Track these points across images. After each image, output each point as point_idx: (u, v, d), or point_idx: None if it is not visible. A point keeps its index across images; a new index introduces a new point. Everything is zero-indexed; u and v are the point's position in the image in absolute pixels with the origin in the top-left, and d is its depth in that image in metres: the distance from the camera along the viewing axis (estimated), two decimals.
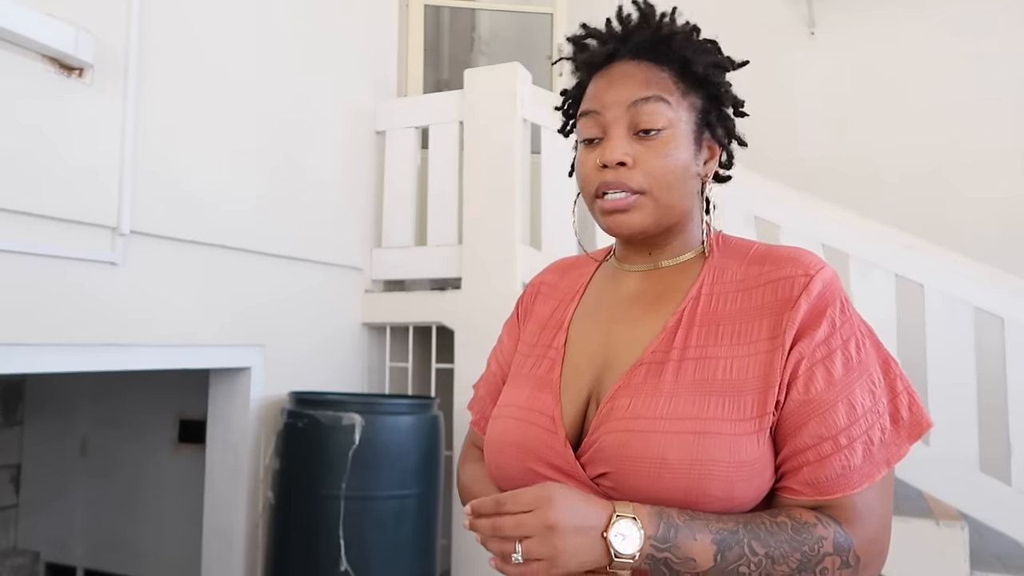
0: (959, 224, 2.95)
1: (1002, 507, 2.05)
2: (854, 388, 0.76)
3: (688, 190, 0.84)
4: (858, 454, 0.75)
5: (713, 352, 0.79)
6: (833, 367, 0.77)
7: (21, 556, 3.23)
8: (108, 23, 1.87)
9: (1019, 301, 2.11)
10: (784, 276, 0.80)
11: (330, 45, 2.73)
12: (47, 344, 1.75)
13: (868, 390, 0.77)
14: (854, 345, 0.78)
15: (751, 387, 0.77)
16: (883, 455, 0.76)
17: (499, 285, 2.64)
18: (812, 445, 0.75)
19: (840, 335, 0.78)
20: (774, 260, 0.82)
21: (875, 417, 0.76)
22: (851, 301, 0.81)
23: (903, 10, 3.18)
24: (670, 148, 0.82)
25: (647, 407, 0.78)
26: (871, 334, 0.81)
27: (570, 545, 0.69)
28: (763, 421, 0.76)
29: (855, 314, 0.81)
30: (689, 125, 0.84)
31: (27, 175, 1.69)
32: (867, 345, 0.79)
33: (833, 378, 0.76)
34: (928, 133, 3.10)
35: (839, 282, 0.81)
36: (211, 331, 2.21)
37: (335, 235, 2.72)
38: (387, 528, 2.17)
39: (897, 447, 0.77)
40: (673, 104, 0.82)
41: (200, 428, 2.71)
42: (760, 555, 0.71)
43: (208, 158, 2.19)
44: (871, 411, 0.76)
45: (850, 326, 0.79)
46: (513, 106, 2.70)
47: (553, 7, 3.49)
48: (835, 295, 0.79)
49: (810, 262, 0.81)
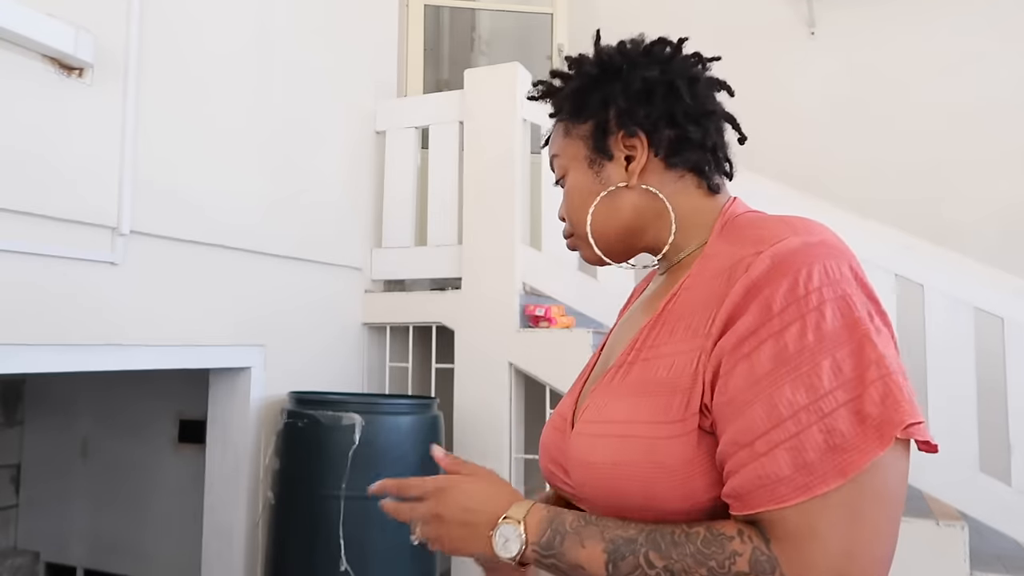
0: (959, 224, 2.95)
1: (1002, 507, 2.05)
2: (782, 383, 0.64)
3: (608, 209, 0.84)
4: (782, 462, 0.62)
5: (664, 350, 0.74)
6: (758, 361, 0.65)
7: (21, 556, 3.23)
8: (108, 23, 1.87)
9: (1019, 301, 2.11)
10: (740, 258, 0.70)
11: (330, 45, 2.73)
12: (47, 344, 1.75)
13: (807, 384, 0.63)
14: (796, 329, 0.64)
15: (682, 386, 0.70)
16: (831, 463, 0.61)
17: (499, 285, 2.64)
18: (731, 453, 0.66)
19: (780, 319, 0.65)
20: (746, 238, 0.73)
21: (813, 417, 0.62)
22: (834, 269, 0.67)
23: (903, 10, 3.18)
24: (569, 187, 0.88)
25: (596, 410, 0.78)
26: (847, 311, 0.65)
27: (455, 535, 0.76)
28: (688, 423, 0.69)
29: (828, 287, 0.66)
30: (580, 153, 0.86)
31: (27, 175, 1.69)
32: (828, 326, 0.64)
33: (755, 373, 0.65)
34: (928, 133, 3.10)
35: (808, 252, 0.67)
36: (211, 331, 2.21)
37: (335, 235, 2.73)
38: (387, 528, 2.17)
39: (858, 452, 0.61)
40: (562, 153, 0.88)
41: (200, 428, 2.71)
42: (658, 567, 0.65)
43: (208, 158, 2.19)
44: (807, 409, 0.62)
45: (799, 307, 0.65)
46: (513, 106, 2.70)
47: (553, 7, 3.49)
48: (786, 272, 0.66)
49: (772, 236, 0.69)
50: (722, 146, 0.85)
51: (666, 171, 0.82)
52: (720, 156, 0.84)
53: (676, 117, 0.81)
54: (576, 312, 2.66)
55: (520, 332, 2.58)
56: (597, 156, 0.84)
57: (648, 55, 0.84)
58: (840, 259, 0.68)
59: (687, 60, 0.84)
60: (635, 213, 0.83)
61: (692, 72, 0.83)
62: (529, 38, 3.74)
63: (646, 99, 0.81)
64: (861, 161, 3.17)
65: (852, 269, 0.68)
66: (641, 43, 0.85)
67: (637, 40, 0.85)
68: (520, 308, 2.62)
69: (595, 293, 2.61)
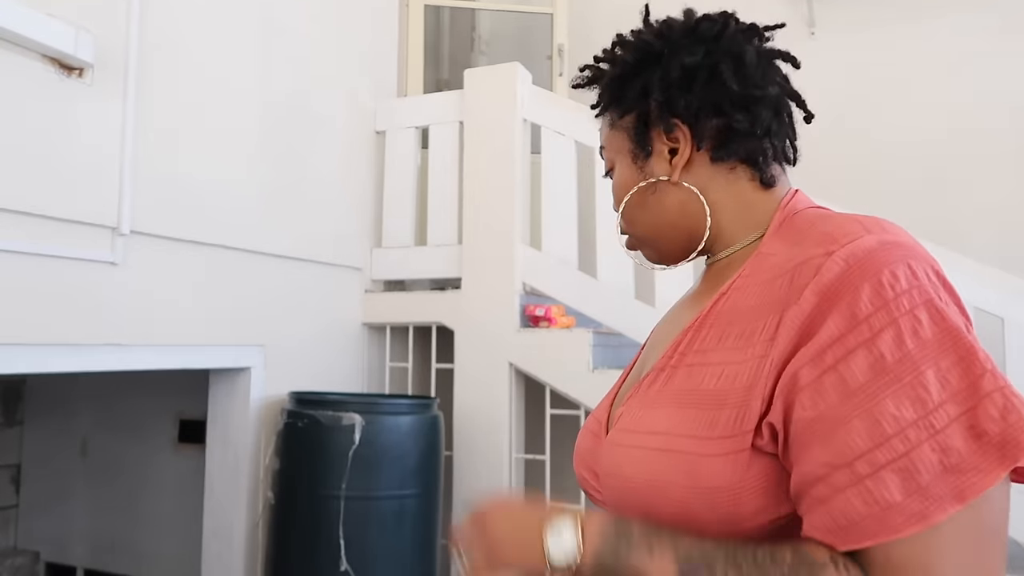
0: (959, 224, 2.95)
1: None
2: (883, 396, 0.55)
3: (652, 206, 0.77)
4: (892, 485, 0.53)
5: (712, 357, 0.66)
6: (849, 372, 0.56)
7: (21, 556, 3.23)
8: (108, 23, 1.87)
9: (1019, 301, 2.11)
10: (805, 259, 0.62)
11: (330, 45, 2.73)
12: (47, 344, 1.75)
13: (913, 396, 0.54)
14: (892, 336, 0.56)
15: (733, 400, 0.62)
16: (947, 486, 0.53)
17: (499, 285, 2.64)
18: (822, 476, 0.56)
19: (869, 326, 0.57)
20: (810, 237, 0.65)
21: (924, 434, 0.54)
22: (920, 271, 0.59)
23: (903, 10, 3.18)
24: (615, 182, 0.81)
25: (632, 419, 0.71)
26: (941, 317, 0.57)
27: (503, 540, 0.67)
28: (739, 441, 0.61)
29: (917, 290, 0.58)
30: (624, 146, 0.79)
31: (27, 175, 1.69)
32: (926, 332, 0.56)
33: (849, 386, 0.56)
34: (928, 133, 3.10)
35: (888, 253, 0.59)
36: (211, 331, 2.21)
37: (335, 235, 2.73)
38: (387, 528, 2.17)
39: (978, 473, 0.53)
40: (608, 145, 0.82)
41: (200, 428, 2.71)
42: None
43: (208, 158, 2.19)
44: (916, 425, 0.54)
45: (889, 312, 0.57)
46: (513, 106, 2.70)
47: (553, 7, 3.49)
48: (866, 273, 0.58)
49: (843, 235, 0.62)
50: (780, 131, 0.76)
51: (713, 164, 0.74)
52: (777, 144, 0.75)
53: (721, 105, 0.73)
54: (576, 312, 2.66)
55: (520, 332, 2.58)
56: (639, 150, 0.77)
57: (692, 35, 0.75)
58: (923, 262, 0.60)
59: (736, 38, 0.75)
60: (681, 210, 0.76)
61: (739, 51, 0.74)
62: (529, 38, 3.74)
63: (686, 87, 0.73)
64: (860, 161, 3.17)
65: (938, 274, 0.61)
66: (685, 22, 0.76)
67: (680, 19, 0.77)
68: (520, 308, 2.62)
69: (595, 293, 2.61)
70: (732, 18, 0.76)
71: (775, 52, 0.77)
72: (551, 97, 2.83)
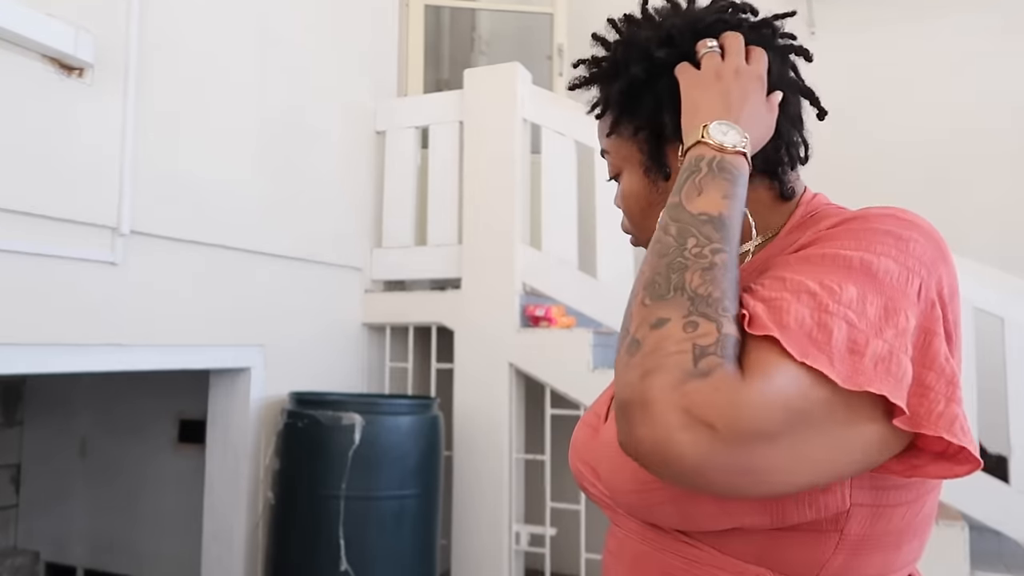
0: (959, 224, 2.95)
1: (1002, 507, 2.05)
2: (800, 271, 0.56)
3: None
4: (792, 309, 0.52)
5: None
6: (785, 261, 0.59)
7: (21, 556, 3.22)
8: (108, 23, 1.87)
9: (1019, 301, 2.11)
10: (807, 233, 0.63)
11: (330, 45, 2.73)
12: (47, 344, 1.75)
13: (821, 282, 0.54)
14: (840, 245, 0.57)
15: None
16: (801, 337, 0.50)
17: (499, 285, 2.64)
18: (751, 289, 0.56)
19: (825, 238, 0.59)
20: (829, 218, 0.64)
21: (812, 303, 0.52)
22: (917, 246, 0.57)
23: (904, 10, 3.18)
24: (626, 191, 0.77)
25: None
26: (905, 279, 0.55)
27: None
28: None
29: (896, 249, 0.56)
30: (634, 157, 0.74)
31: (27, 175, 1.69)
32: (878, 270, 0.54)
33: (778, 270, 0.57)
34: (928, 133, 3.10)
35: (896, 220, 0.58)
36: (211, 331, 2.21)
37: (335, 235, 2.72)
38: (387, 528, 2.17)
39: (829, 364, 0.49)
40: (614, 152, 0.77)
41: (200, 428, 2.71)
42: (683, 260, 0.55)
43: (208, 158, 2.18)
44: (811, 293, 0.53)
45: (857, 239, 0.57)
46: (513, 106, 2.70)
47: (553, 7, 3.49)
48: (858, 219, 0.59)
49: (864, 209, 0.61)
50: (795, 137, 0.73)
51: None
52: (794, 153, 0.72)
53: None
54: (576, 312, 2.66)
55: (520, 332, 2.58)
56: (656, 168, 0.73)
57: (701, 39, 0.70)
58: (930, 245, 0.58)
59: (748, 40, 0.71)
60: None
61: None
62: (529, 38, 3.74)
63: None
64: (860, 161, 3.17)
65: (938, 267, 0.58)
66: (694, 23, 0.72)
67: (689, 20, 0.72)
68: (520, 308, 2.62)
69: (595, 293, 2.61)
70: (743, 15, 0.73)
71: (789, 47, 0.75)
72: (551, 97, 2.83)
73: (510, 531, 2.56)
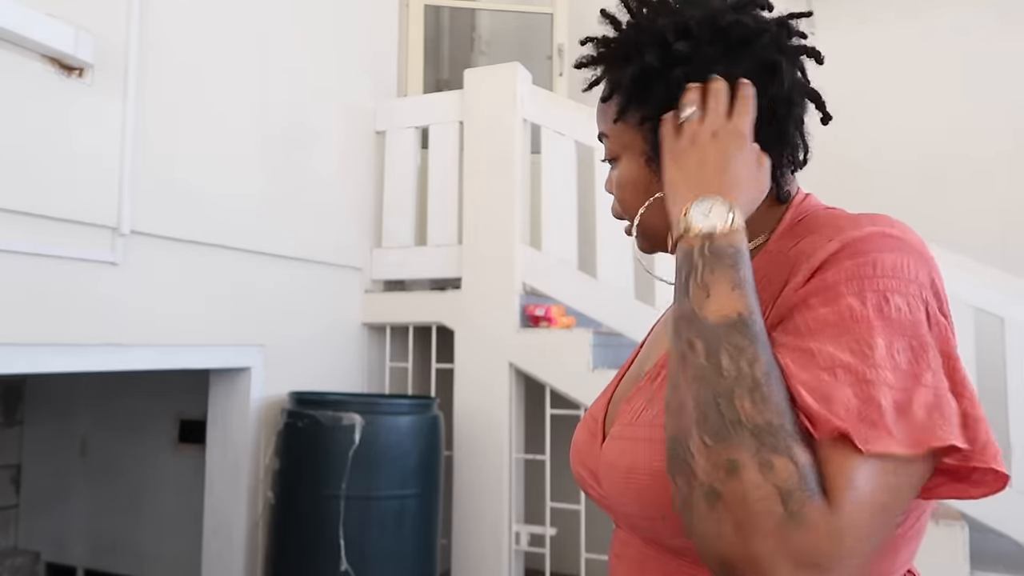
0: (958, 224, 2.95)
1: (1002, 507, 2.05)
2: (824, 341, 0.55)
3: (662, 210, 0.69)
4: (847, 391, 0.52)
5: None
6: (803, 319, 0.57)
7: (21, 556, 3.22)
8: (108, 23, 1.87)
9: (1019, 301, 2.11)
10: (811, 249, 0.61)
11: (330, 45, 2.74)
12: (47, 344, 1.75)
13: (853, 349, 0.54)
14: (855, 301, 0.56)
15: None
16: (859, 419, 0.51)
17: (499, 285, 2.64)
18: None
19: (837, 291, 0.57)
20: (818, 230, 0.63)
21: (851, 377, 0.53)
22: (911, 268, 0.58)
23: (902, 9, 3.18)
24: (623, 177, 0.75)
25: (634, 414, 0.69)
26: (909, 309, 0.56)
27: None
28: None
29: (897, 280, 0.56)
30: (636, 146, 0.73)
31: (27, 175, 1.69)
32: (891, 312, 0.55)
33: (798, 329, 0.57)
34: (927, 132, 3.10)
35: (885, 243, 0.58)
36: (211, 331, 2.21)
37: (335, 235, 2.73)
38: (387, 528, 2.17)
39: (886, 434, 0.51)
40: (613, 137, 0.75)
41: (200, 428, 2.71)
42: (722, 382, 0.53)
43: (208, 158, 2.19)
44: (847, 368, 0.53)
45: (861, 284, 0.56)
46: (513, 106, 2.70)
47: (553, 7, 3.49)
48: (855, 254, 0.58)
49: (851, 226, 0.60)
50: (797, 140, 0.72)
51: None
52: (795, 157, 0.72)
53: None
54: (576, 312, 2.66)
55: (520, 332, 2.58)
56: (657, 156, 0.70)
57: (721, 41, 0.68)
58: (919, 262, 0.58)
59: (768, 47, 0.69)
60: None
61: (772, 61, 0.68)
62: (529, 38, 3.74)
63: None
64: (860, 161, 3.17)
65: (932, 280, 0.59)
66: (712, 19, 0.69)
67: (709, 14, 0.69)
68: (520, 308, 2.62)
69: (595, 293, 2.61)
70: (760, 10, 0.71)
71: (802, 49, 0.72)
72: (551, 97, 2.83)
73: (510, 531, 2.56)
